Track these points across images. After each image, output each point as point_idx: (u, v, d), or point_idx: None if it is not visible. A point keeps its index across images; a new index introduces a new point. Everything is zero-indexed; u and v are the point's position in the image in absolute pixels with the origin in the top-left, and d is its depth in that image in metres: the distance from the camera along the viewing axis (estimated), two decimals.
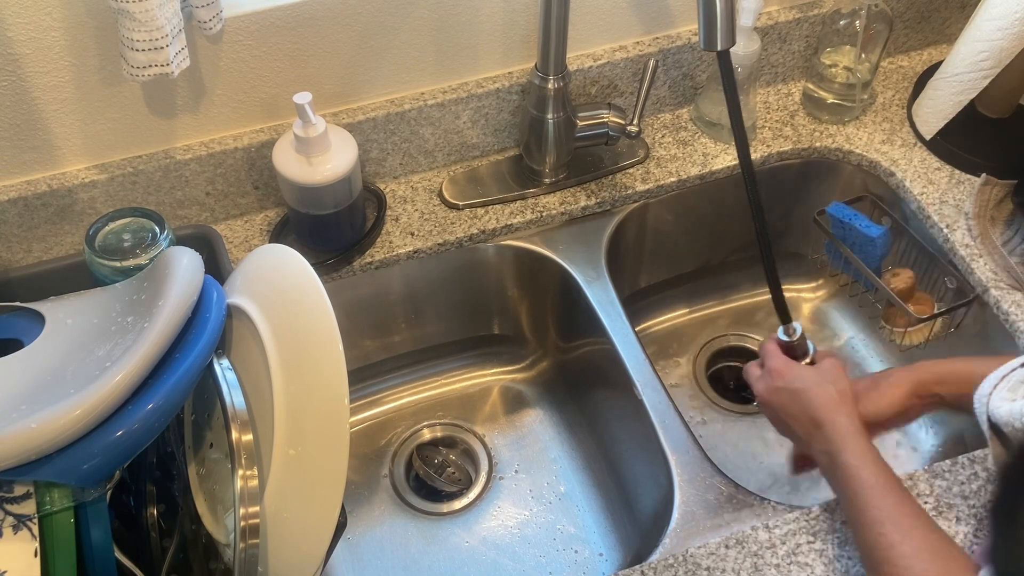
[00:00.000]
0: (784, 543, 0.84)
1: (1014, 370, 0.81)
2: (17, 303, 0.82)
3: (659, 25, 1.12)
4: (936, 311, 1.08)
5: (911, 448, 1.14)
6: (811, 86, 1.18)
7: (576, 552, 1.08)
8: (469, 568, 1.07)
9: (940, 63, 1.12)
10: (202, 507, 0.78)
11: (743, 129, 0.85)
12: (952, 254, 1.06)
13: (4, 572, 0.65)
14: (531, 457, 1.16)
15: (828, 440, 0.82)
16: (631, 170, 1.14)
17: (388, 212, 1.09)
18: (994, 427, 0.79)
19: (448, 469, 1.15)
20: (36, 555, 0.66)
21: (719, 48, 0.82)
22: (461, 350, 1.23)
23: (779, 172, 1.18)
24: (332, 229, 1.03)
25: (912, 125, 1.17)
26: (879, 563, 0.75)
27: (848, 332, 1.26)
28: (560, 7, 0.96)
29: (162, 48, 0.85)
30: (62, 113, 0.94)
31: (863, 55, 1.13)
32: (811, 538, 0.85)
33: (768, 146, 1.16)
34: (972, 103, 1.10)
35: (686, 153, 1.16)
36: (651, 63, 1.05)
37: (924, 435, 1.15)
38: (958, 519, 0.86)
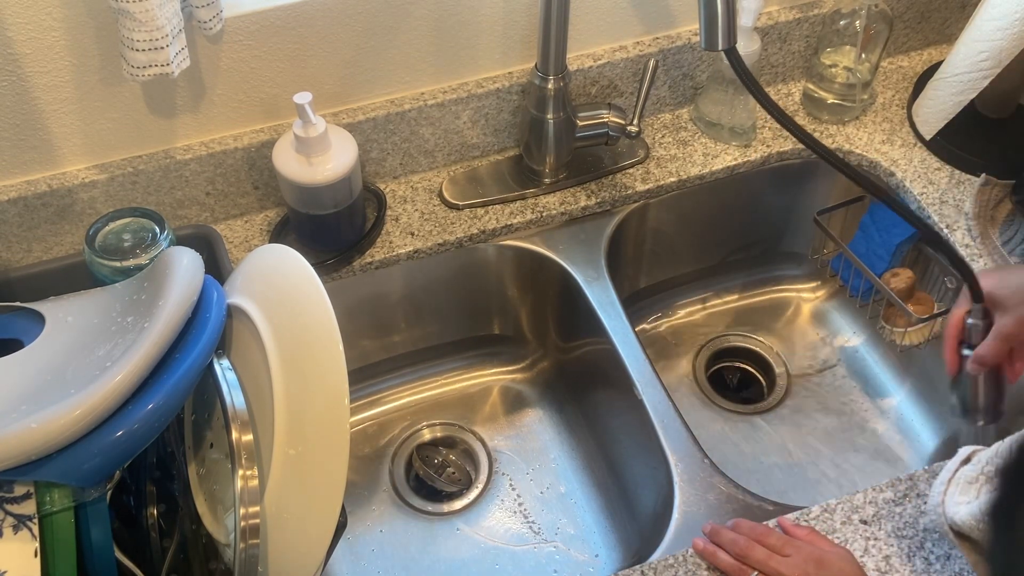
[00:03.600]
0: None
1: (957, 470, 0.79)
2: (17, 303, 0.82)
3: (659, 25, 1.12)
4: (936, 311, 1.08)
5: (911, 448, 1.15)
6: (811, 86, 1.18)
7: (576, 552, 1.08)
8: (469, 568, 1.07)
9: (940, 63, 1.12)
10: (202, 507, 0.78)
11: (784, 113, 0.79)
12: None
13: (4, 572, 0.65)
14: (531, 457, 1.16)
15: None
16: (631, 170, 1.14)
17: (388, 212, 1.09)
18: (959, 534, 0.77)
19: (448, 469, 1.15)
20: (36, 555, 0.66)
21: (720, 48, 0.81)
22: (461, 350, 1.23)
23: (779, 172, 1.18)
24: (332, 229, 1.03)
25: (912, 125, 1.17)
26: None
27: (848, 332, 1.26)
28: (560, 7, 0.96)
29: (162, 48, 0.85)
30: (62, 113, 0.94)
31: (863, 55, 1.13)
32: None
33: (768, 146, 1.16)
34: (972, 103, 1.09)
35: (686, 153, 1.16)
36: (651, 63, 1.05)
37: (924, 435, 1.15)
38: None
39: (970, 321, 0.89)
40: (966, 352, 0.91)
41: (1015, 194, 1.05)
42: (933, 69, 1.16)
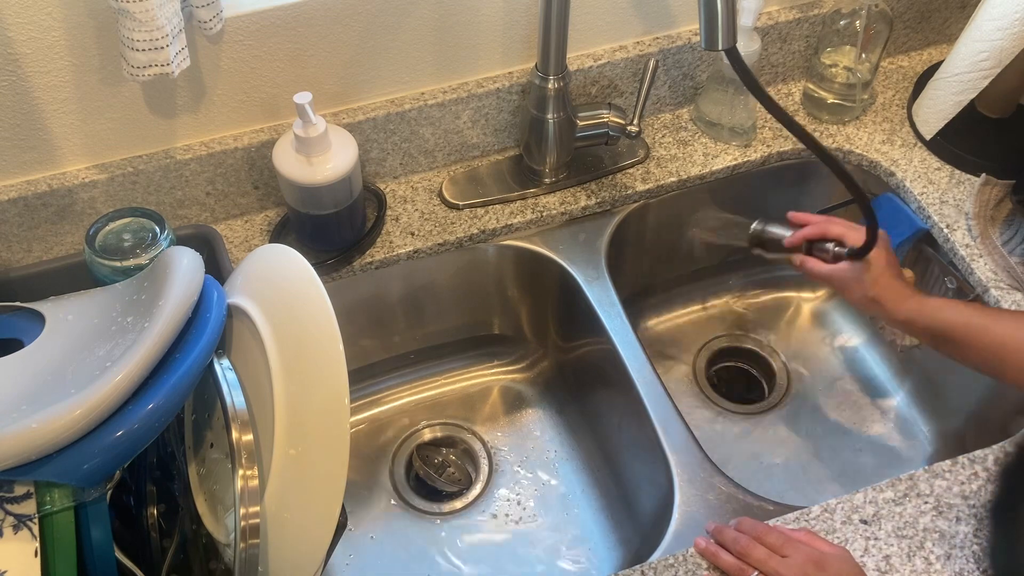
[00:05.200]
0: None
1: None
2: (17, 303, 0.82)
3: (659, 25, 1.12)
4: None
5: (911, 448, 1.15)
6: (811, 86, 1.18)
7: (576, 552, 1.08)
8: (469, 568, 1.07)
9: (940, 63, 1.12)
10: (202, 507, 0.78)
11: (784, 111, 0.82)
12: (952, 254, 1.06)
13: (4, 572, 0.65)
14: (531, 457, 1.16)
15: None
16: (631, 170, 1.14)
17: (388, 212, 1.09)
18: None
19: (448, 469, 1.15)
20: (36, 555, 0.66)
21: (720, 48, 0.81)
22: (461, 350, 1.23)
23: (779, 172, 1.18)
24: (332, 229, 1.03)
25: (912, 125, 1.17)
26: None
27: (848, 332, 1.26)
28: (560, 7, 0.96)
29: (162, 48, 0.85)
30: (62, 113, 0.94)
31: (863, 55, 1.13)
32: None
33: (768, 146, 1.16)
34: (972, 103, 1.10)
35: (686, 153, 1.16)
36: (651, 63, 1.05)
37: (924, 435, 1.15)
38: (958, 519, 0.86)
39: (829, 245, 0.99)
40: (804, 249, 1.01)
41: (1015, 194, 1.05)
42: (933, 69, 1.16)
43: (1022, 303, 1.00)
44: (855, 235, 0.97)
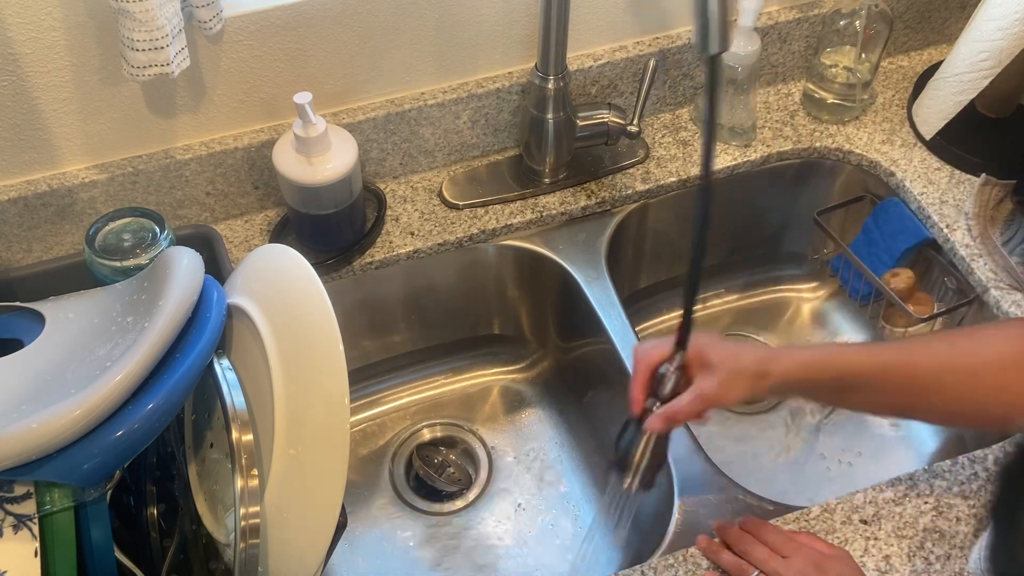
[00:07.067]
0: None
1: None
2: (17, 303, 0.82)
3: (659, 25, 1.12)
4: (936, 311, 1.08)
5: (911, 448, 1.14)
6: (811, 86, 1.18)
7: (576, 552, 1.08)
8: (469, 568, 1.07)
9: (940, 63, 1.12)
10: (202, 507, 0.78)
11: (713, 133, 0.76)
12: (952, 254, 1.06)
13: (4, 572, 0.65)
14: (531, 457, 1.16)
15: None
16: (631, 170, 1.14)
17: (388, 212, 1.09)
18: None
19: (448, 469, 1.15)
20: (36, 555, 0.66)
21: (712, 52, 0.81)
22: (461, 350, 1.23)
23: (779, 172, 1.18)
24: (332, 229, 1.03)
25: (912, 125, 1.17)
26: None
27: (848, 332, 1.26)
28: (560, 7, 0.96)
29: (162, 48, 0.85)
30: (62, 113, 0.94)
31: (863, 55, 1.13)
32: None
33: (768, 146, 1.16)
34: (972, 103, 1.09)
35: (686, 153, 1.16)
36: (651, 63, 1.05)
37: (924, 435, 1.15)
38: (958, 519, 0.86)
39: (662, 369, 0.79)
40: (649, 402, 0.80)
41: (1016, 194, 1.05)
42: (933, 69, 1.16)
43: (1022, 303, 1.00)
44: (665, 344, 0.80)
